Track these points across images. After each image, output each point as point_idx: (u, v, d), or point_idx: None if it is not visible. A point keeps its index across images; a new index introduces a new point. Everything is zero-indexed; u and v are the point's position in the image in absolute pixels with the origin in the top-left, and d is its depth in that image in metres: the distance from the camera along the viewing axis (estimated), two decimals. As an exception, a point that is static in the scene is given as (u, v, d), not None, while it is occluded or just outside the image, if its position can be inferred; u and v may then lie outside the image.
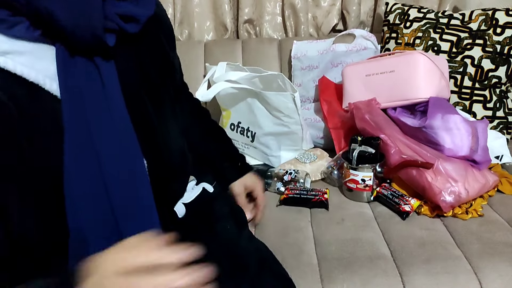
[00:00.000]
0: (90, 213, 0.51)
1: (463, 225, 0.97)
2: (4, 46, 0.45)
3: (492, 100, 1.30)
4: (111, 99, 0.53)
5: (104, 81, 0.52)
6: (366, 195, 1.08)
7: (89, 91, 0.51)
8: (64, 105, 0.48)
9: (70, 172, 0.49)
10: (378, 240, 0.94)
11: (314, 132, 1.37)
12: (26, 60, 0.46)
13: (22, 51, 0.46)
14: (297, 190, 1.10)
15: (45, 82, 0.48)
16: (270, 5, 1.58)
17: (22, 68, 0.45)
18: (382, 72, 1.20)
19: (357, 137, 1.08)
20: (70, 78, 0.49)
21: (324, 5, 1.59)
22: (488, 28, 1.29)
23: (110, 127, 0.53)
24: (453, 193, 0.98)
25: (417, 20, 1.38)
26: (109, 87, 0.52)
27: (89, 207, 0.51)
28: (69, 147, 0.49)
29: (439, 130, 1.06)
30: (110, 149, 0.52)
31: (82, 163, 0.50)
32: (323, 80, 1.39)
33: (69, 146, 0.49)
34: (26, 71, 0.46)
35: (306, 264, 0.87)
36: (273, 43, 1.52)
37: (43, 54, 0.48)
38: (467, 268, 0.85)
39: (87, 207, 0.51)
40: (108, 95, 0.52)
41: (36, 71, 0.47)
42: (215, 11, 1.57)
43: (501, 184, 1.12)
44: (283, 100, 1.19)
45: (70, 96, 0.49)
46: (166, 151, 0.65)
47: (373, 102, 1.18)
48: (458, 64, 1.31)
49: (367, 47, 1.42)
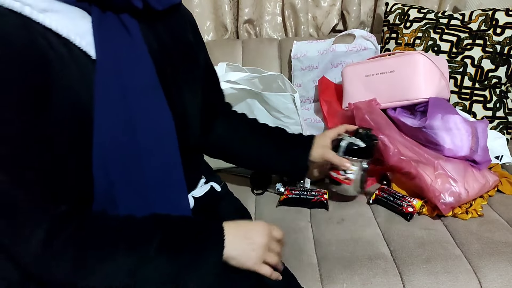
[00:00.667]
0: (117, 164, 0.57)
1: (463, 225, 0.98)
2: (43, 5, 0.51)
3: (492, 100, 1.30)
4: (138, 49, 0.59)
5: (131, 32, 0.58)
6: (347, 188, 1.00)
7: (119, 42, 0.57)
8: (97, 54, 0.55)
9: (100, 117, 0.54)
10: (378, 240, 0.94)
11: (314, 132, 1.36)
12: (60, 18, 0.52)
13: (57, 10, 0.53)
14: (297, 190, 1.10)
15: (76, 38, 0.53)
16: (270, 5, 1.58)
17: (57, 24, 0.52)
18: (382, 73, 1.20)
19: (359, 129, 1.00)
20: (103, 31, 0.55)
21: (324, 5, 1.59)
22: (488, 28, 1.29)
23: (140, 78, 0.58)
24: (453, 194, 0.98)
25: (417, 20, 1.38)
26: (135, 38, 0.59)
27: (116, 158, 0.56)
28: (99, 94, 0.54)
29: (439, 130, 1.06)
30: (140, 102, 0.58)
31: (111, 110, 0.55)
32: (323, 80, 1.39)
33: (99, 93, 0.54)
34: (60, 28, 0.52)
35: (306, 264, 0.87)
36: (273, 43, 1.52)
37: (74, 15, 0.55)
38: (467, 267, 0.85)
39: (114, 158, 0.56)
40: (134, 45, 0.58)
41: (67, 29, 0.53)
42: (215, 11, 1.57)
43: (501, 184, 1.12)
44: (283, 101, 1.19)
45: (103, 46, 0.55)
46: (185, 127, 0.68)
47: (373, 103, 1.19)
48: (458, 64, 1.31)
49: (367, 48, 1.42)
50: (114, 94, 0.56)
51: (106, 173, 0.56)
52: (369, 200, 1.08)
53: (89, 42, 0.55)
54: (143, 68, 0.59)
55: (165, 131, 0.62)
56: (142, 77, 0.59)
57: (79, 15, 0.55)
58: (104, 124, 0.55)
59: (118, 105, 0.56)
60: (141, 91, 0.58)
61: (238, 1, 1.55)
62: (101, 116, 0.55)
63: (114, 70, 0.56)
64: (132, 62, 0.58)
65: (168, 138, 0.62)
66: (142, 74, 0.59)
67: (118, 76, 0.56)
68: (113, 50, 0.56)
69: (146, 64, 0.60)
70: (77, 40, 0.54)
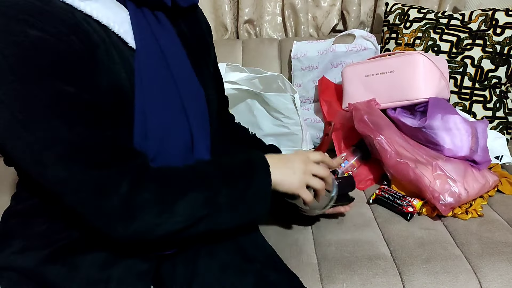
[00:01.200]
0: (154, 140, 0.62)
1: (463, 225, 0.98)
2: None
3: (492, 100, 1.30)
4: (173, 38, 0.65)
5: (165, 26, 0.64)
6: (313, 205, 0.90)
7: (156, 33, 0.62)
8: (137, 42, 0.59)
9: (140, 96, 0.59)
10: (378, 240, 0.94)
11: (314, 133, 1.38)
12: (99, 7, 0.56)
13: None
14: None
15: (114, 26, 0.57)
16: (270, 5, 1.58)
17: (97, 13, 0.56)
18: (382, 73, 1.20)
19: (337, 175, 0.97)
20: (140, 21, 0.60)
21: (324, 5, 1.59)
22: (488, 29, 1.29)
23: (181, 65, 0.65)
24: (453, 194, 0.98)
25: (417, 21, 1.38)
26: (169, 30, 0.65)
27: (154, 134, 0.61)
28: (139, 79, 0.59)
29: (439, 130, 1.06)
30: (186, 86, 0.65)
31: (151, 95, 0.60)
32: (323, 80, 1.39)
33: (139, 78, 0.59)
34: (100, 15, 0.56)
35: (306, 264, 0.87)
36: (273, 43, 1.52)
37: (112, 5, 0.59)
38: (467, 267, 0.85)
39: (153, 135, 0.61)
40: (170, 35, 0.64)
41: (107, 17, 0.57)
42: (215, 11, 1.57)
43: (501, 184, 1.12)
44: (282, 101, 1.20)
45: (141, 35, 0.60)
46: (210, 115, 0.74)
47: (372, 103, 1.19)
48: (458, 64, 1.31)
49: (367, 48, 1.42)
50: (152, 79, 0.60)
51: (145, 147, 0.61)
52: (369, 200, 1.08)
53: (126, 30, 0.59)
54: (180, 56, 0.66)
55: (204, 115, 0.69)
56: (182, 64, 0.65)
57: (117, 5, 0.60)
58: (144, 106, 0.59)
59: (155, 89, 0.60)
60: (185, 75, 0.65)
61: (238, 1, 1.55)
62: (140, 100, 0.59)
63: (153, 57, 0.61)
64: (170, 50, 0.63)
65: (205, 123, 0.70)
66: (181, 61, 0.66)
67: (157, 62, 0.61)
68: (150, 39, 0.61)
69: (182, 53, 0.66)
70: (116, 27, 0.58)
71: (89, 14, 0.55)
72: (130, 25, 0.59)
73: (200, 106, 0.69)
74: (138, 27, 0.60)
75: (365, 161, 1.21)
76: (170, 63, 0.63)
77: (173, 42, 0.65)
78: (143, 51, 0.59)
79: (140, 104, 0.59)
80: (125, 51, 0.59)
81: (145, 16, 0.61)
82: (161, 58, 0.62)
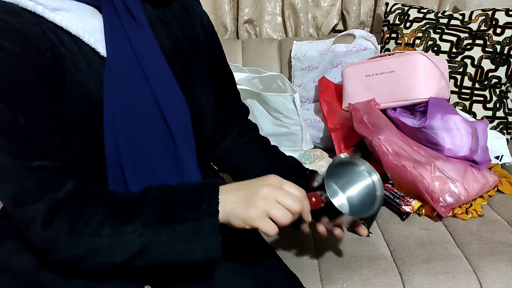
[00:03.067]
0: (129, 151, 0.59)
1: (463, 225, 0.98)
2: (54, 4, 0.55)
3: (492, 100, 1.30)
4: (148, 41, 0.61)
5: (140, 25, 0.61)
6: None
7: (129, 38, 0.59)
8: (108, 51, 0.58)
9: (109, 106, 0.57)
10: (378, 240, 0.94)
11: (314, 133, 1.38)
12: (70, 16, 0.56)
13: (68, 8, 0.56)
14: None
15: (84, 35, 0.57)
16: (270, 5, 1.58)
17: (67, 22, 0.55)
18: (382, 73, 1.20)
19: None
20: (114, 24, 0.58)
21: (324, 5, 1.59)
22: (488, 28, 1.29)
23: (154, 69, 0.61)
24: (453, 194, 0.98)
25: (417, 21, 1.38)
26: (144, 30, 0.61)
27: (127, 144, 0.59)
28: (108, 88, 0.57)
29: (439, 130, 1.06)
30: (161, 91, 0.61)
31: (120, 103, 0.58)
32: (323, 80, 1.39)
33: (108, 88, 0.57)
34: (70, 25, 0.55)
35: (306, 264, 0.87)
36: (273, 43, 1.52)
37: (84, 13, 0.58)
38: (467, 268, 0.85)
39: (125, 145, 0.59)
40: (144, 37, 0.61)
41: (77, 26, 0.56)
42: (215, 11, 1.57)
43: (501, 184, 1.12)
44: (282, 101, 1.20)
45: (113, 44, 0.58)
46: (198, 122, 0.68)
47: (372, 103, 1.18)
48: (458, 64, 1.31)
49: (367, 48, 1.42)
50: (123, 88, 0.58)
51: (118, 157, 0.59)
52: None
53: (98, 39, 0.58)
54: (158, 62, 0.62)
55: (184, 121, 0.64)
56: (159, 70, 0.62)
57: (89, 13, 0.59)
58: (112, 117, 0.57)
59: (125, 98, 0.59)
60: (162, 82, 0.62)
61: (238, 1, 1.55)
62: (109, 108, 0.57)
63: (126, 65, 0.59)
64: (146, 56, 0.60)
65: (187, 128, 0.64)
66: (159, 67, 0.62)
67: (130, 70, 0.59)
68: (124, 46, 0.59)
69: (160, 58, 0.62)
70: (86, 37, 0.57)
71: (59, 24, 0.55)
72: (103, 33, 0.58)
73: (180, 112, 0.64)
74: (111, 34, 0.58)
75: (365, 161, 1.21)
76: (146, 70, 0.60)
77: (150, 46, 0.62)
78: (114, 59, 0.58)
79: (109, 113, 0.57)
80: (96, 60, 0.58)
81: (121, 19, 0.59)
82: (135, 66, 0.59)
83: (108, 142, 0.58)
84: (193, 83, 0.70)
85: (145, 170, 0.61)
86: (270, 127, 1.25)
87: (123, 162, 0.59)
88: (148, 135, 0.61)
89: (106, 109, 0.57)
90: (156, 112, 0.61)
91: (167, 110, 0.61)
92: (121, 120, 0.58)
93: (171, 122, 0.61)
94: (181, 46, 0.69)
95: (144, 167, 0.61)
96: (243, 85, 1.22)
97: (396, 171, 1.05)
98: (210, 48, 0.77)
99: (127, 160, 0.59)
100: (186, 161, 0.64)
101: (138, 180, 0.61)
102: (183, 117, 0.64)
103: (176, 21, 0.69)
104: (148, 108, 0.60)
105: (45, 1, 0.54)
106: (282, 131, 1.25)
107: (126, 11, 0.59)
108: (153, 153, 0.62)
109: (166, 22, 0.67)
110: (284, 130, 1.25)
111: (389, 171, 1.08)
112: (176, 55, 0.67)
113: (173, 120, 0.61)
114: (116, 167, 0.59)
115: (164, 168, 0.63)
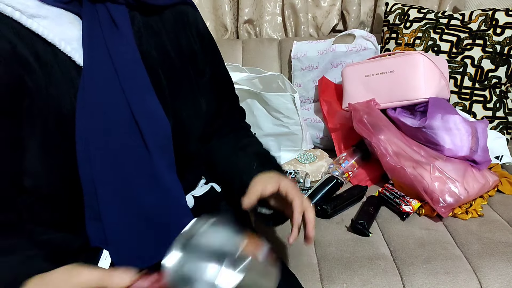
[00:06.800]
0: (102, 165, 0.57)
1: (463, 225, 0.98)
2: (32, 11, 0.53)
3: (492, 100, 1.30)
4: (129, 51, 0.59)
5: (122, 33, 0.58)
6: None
7: (108, 47, 0.57)
8: (84, 61, 0.56)
9: (81, 117, 0.55)
10: (378, 240, 0.94)
11: (314, 133, 1.38)
12: (48, 24, 0.54)
13: (45, 15, 0.54)
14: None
15: (61, 44, 0.55)
16: (270, 5, 1.58)
17: (43, 30, 0.53)
18: (382, 73, 1.20)
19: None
20: (94, 32, 0.57)
21: (324, 5, 1.59)
22: (488, 28, 1.29)
23: (133, 80, 0.59)
24: (453, 194, 0.98)
25: (417, 21, 1.38)
26: (126, 38, 0.59)
27: (100, 158, 0.57)
28: (82, 95, 0.55)
29: (439, 130, 1.06)
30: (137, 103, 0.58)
31: (93, 114, 0.56)
32: (323, 80, 1.39)
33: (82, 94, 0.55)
34: (46, 33, 0.54)
35: (306, 264, 0.87)
36: (273, 43, 1.52)
37: (62, 21, 0.56)
38: (467, 268, 0.85)
39: (98, 158, 0.57)
40: (124, 47, 0.59)
41: (54, 34, 0.54)
42: (215, 11, 1.57)
43: (501, 184, 1.12)
44: (282, 101, 1.20)
45: (92, 47, 0.56)
46: (183, 135, 0.67)
47: (371, 103, 1.18)
48: (458, 64, 1.31)
49: (367, 48, 1.42)
50: (98, 99, 0.56)
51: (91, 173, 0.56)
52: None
53: (75, 48, 0.56)
54: (137, 74, 0.59)
55: (162, 134, 0.61)
56: (138, 82, 0.59)
57: (68, 20, 0.57)
58: (85, 128, 0.56)
59: (98, 110, 0.56)
60: (140, 94, 0.59)
61: (238, 1, 1.55)
62: (82, 120, 0.55)
63: (102, 76, 0.57)
64: (125, 67, 0.58)
65: (166, 141, 0.62)
66: (138, 79, 0.59)
67: (106, 81, 0.57)
68: (103, 55, 0.57)
69: (141, 69, 0.60)
70: (62, 45, 0.55)
71: (35, 31, 0.53)
72: (81, 42, 0.56)
73: (158, 125, 0.61)
74: (89, 42, 0.56)
75: (365, 161, 1.21)
76: (123, 81, 0.57)
77: (131, 56, 0.59)
78: (90, 69, 0.56)
79: (81, 125, 0.55)
80: (72, 70, 0.56)
81: (102, 27, 0.57)
82: (111, 76, 0.57)
83: (80, 155, 0.56)
84: (179, 95, 0.67)
85: (119, 185, 0.59)
86: (270, 127, 1.25)
87: (94, 177, 0.57)
88: (122, 148, 0.58)
89: (78, 120, 0.55)
90: (131, 125, 0.58)
91: (143, 122, 0.58)
92: (94, 132, 0.56)
93: (147, 136, 0.59)
94: (170, 56, 0.66)
95: (118, 183, 0.59)
96: (243, 85, 1.22)
97: (395, 172, 1.05)
98: (207, 55, 0.75)
99: (99, 174, 0.57)
100: (163, 175, 0.61)
101: (113, 195, 0.58)
102: (161, 130, 0.61)
103: (168, 30, 0.66)
104: (123, 120, 0.58)
105: (23, 7, 0.52)
106: (282, 131, 1.25)
107: (109, 19, 0.57)
108: (127, 167, 0.59)
109: (156, 31, 0.65)
110: (284, 130, 1.25)
111: (388, 172, 1.08)
112: (162, 66, 0.64)
113: (149, 133, 0.59)
114: (89, 182, 0.57)
115: (140, 184, 0.60)
